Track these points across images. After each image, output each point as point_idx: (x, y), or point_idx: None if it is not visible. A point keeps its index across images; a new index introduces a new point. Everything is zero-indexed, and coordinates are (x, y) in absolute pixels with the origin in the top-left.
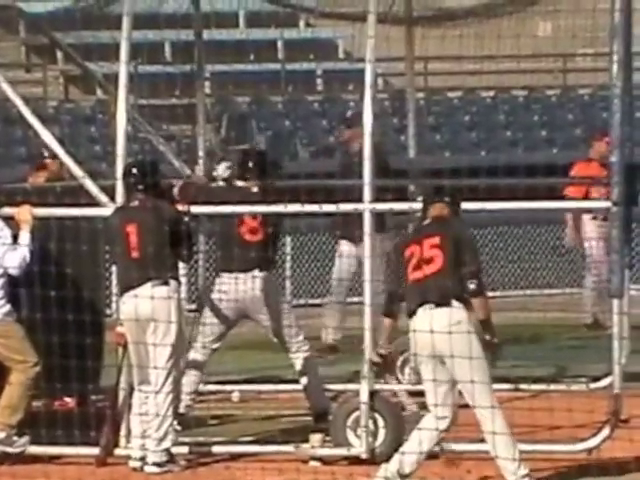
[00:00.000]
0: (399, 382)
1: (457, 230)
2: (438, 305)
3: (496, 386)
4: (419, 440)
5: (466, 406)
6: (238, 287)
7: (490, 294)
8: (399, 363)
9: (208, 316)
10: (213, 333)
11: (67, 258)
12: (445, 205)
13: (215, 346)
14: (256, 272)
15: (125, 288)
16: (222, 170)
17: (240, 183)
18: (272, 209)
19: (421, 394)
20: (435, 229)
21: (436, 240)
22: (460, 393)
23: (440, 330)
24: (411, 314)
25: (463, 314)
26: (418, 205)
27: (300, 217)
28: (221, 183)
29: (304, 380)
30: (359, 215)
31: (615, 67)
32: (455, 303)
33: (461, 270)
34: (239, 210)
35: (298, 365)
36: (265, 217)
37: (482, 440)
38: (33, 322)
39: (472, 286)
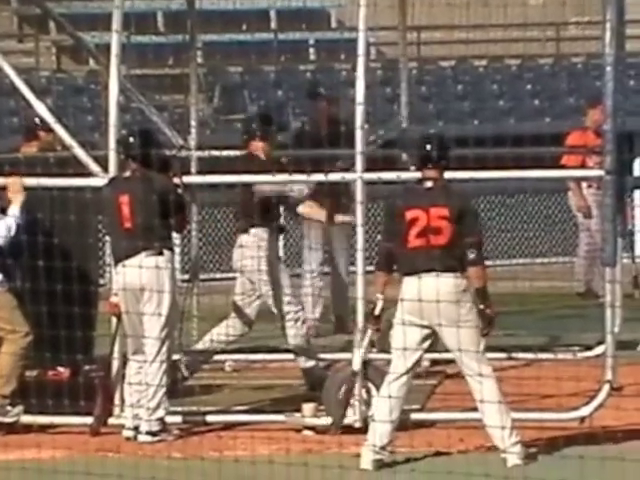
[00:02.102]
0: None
1: (464, 201)
2: (442, 273)
3: (489, 355)
4: (389, 409)
5: (457, 375)
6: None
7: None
8: (392, 332)
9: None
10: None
11: (60, 228)
12: (438, 167)
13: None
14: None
15: (119, 258)
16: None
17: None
18: (259, 179)
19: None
20: (443, 199)
21: (444, 212)
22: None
23: (445, 297)
24: (408, 278)
25: (465, 283)
26: (407, 175)
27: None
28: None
29: (299, 350)
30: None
31: (608, 35)
32: (458, 273)
33: (464, 240)
34: (234, 180)
35: (291, 334)
36: None
37: (473, 409)
38: (27, 293)
39: (472, 255)
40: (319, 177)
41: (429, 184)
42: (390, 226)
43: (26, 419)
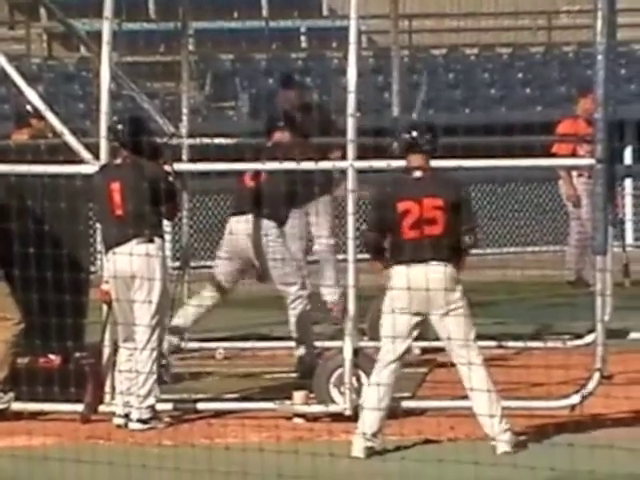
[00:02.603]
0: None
1: (457, 189)
2: (435, 262)
3: (481, 343)
4: (379, 397)
5: (448, 363)
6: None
7: (475, 251)
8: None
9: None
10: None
11: (51, 216)
12: (424, 155)
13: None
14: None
15: (110, 246)
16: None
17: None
18: (248, 166)
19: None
20: (435, 189)
21: (438, 202)
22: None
23: (437, 286)
24: (400, 267)
25: (455, 273)
26: (397, 163)
27: None
28: None
29: (296, 334)
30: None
31: (599, 24)
32: (450, 262)
33: (459, 229)
34: (226, 168)
35: (293, 318)
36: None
37: (464, 397)
38: (18, 280)
39: (468, 240)
40: (309, 165)
41: (418, 174)
42: (377, 216)
43: (17, 406)
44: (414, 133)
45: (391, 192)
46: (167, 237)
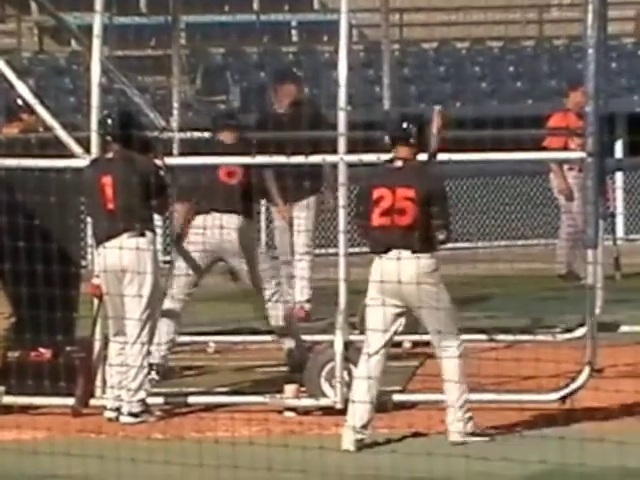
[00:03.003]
0: None
1: (432, 183)
2: (405, 253)
3: (471, 337)
4: (367, 388)
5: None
6: (219, 229)
7: (466, 245)
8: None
9: (181, 264)
10: (184, 284)
11: (43, 210)
12: (411, 147)
13: (189, 291)
14: (233, 216)
15: (101, 240)
16: None
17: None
18: (241, 160)
19: (394, 345)
20: (410, 180)
21: (410, 193)
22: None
23: (408, 278)
24: (376, 258)
25: (431, 264)
26: (387, 156)
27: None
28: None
29: (280, 331)
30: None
31: (590, 17)
32: (423, 254)
33: (431, 222)
34: (216, 162)
35: (273, 314)
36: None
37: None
38: (10, 274)
39: (441, 237)
40: (299, 159)
41: (399, 163)
42: (358, 202)
43: (7, 400)
44: (403, 124)
45: (369, 179)
46: (158, 231)
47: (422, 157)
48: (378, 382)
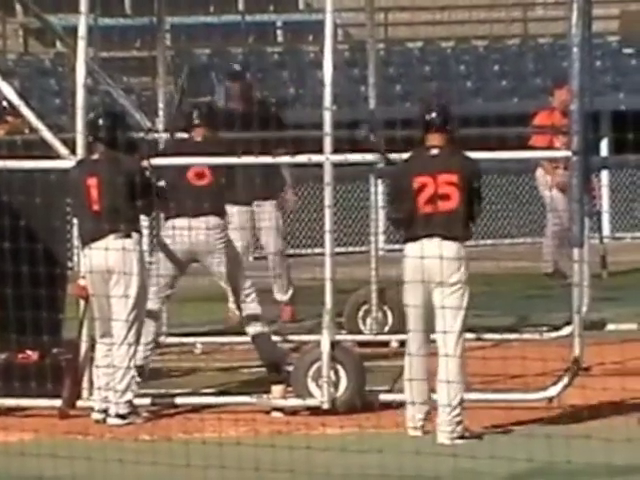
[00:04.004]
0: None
1: (473, 168)
2: (447, 239)
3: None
4: (420, 368)
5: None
6: (191, 232)
7: None
8: (361, 314)
9: (156, 265)
10: (163, 281)
11: (29, 211)
12: (443, 134)
13: (166, 293)
14: (203, 217)
15: (87, 241)
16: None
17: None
18: (224, 161)
19: (382, 344)
20: (451, 165)
21: (453, 178)
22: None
23: (446, 261)
24: (412, 243)
25: (464, 251)
26: (372, 156)
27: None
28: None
29: (251, 330)
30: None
31: (574, 16)
32: (462, 240)
33: (471, 208)
34: (195, 162)
35: (245, 314)
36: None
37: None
38: None
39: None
40: (285, 159)
41: (435, 151)
42: (397, 195)
43: None
44: (432, 113)
45: (405, 170)
46: (144, 232)
47: None
48: (426, 361)
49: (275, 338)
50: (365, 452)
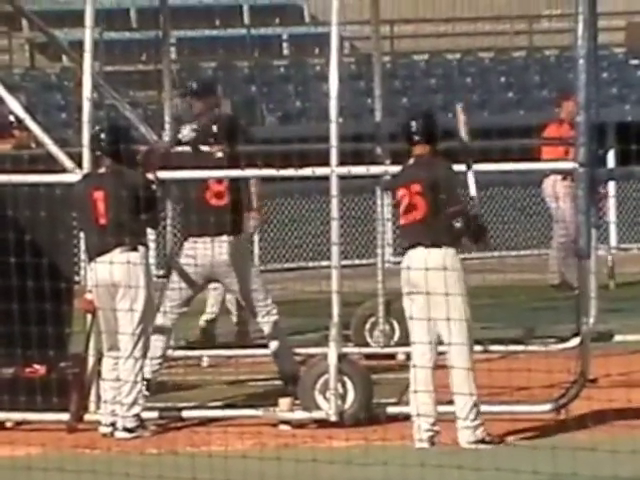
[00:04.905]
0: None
1: (437, 173)
2: (430, 246)
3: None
4: (425, 379)
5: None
6: (206, 252)
7: (461, 257)
8: (368, 327)
9: (175, 281)
10: (180, 298)
11: (35, 225)
12: (424, 145)
13: (181, 311)
14: (224, 237)
15: (93, 255)
16: (187, 132)
17: (204, 148)
18: (234, 174)
19: (389, 357)
20: (416, 175)
21: (418, 187)
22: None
23: (421, 273)
24: (404, 253)
25: (452, 254)
26: (377, 169)
27: (270, 182)
28: (187, 148)
29: (273, 345)
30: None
31: (580, 27)
32: (446, 247)
33: (445, 211)
34: (206, 175)
35: (266, 329)
36: (231, 181)
37: (448, 402)
38: (2, 289)
39: (457, 224)
40: (289, 172)
41: (411, 161)
42: (394, 207)
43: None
44: (411, 124)
45: (393, 181)
46: (151, 245)
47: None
48: (433, 373)
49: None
50: (370, 465)
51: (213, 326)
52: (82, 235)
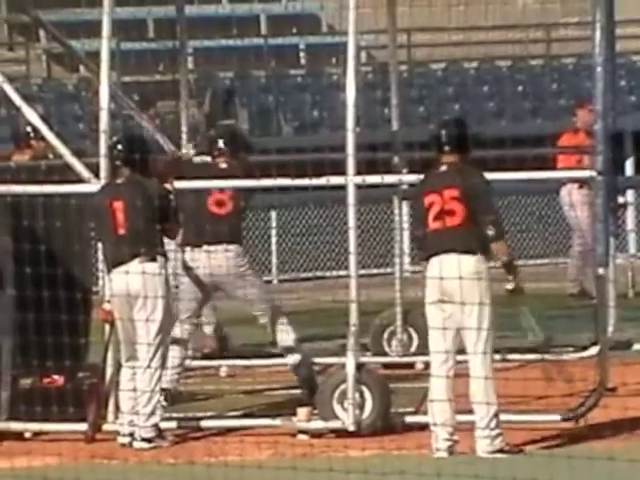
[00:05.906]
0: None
1: (474, 180)
2: (463, 253)
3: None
4: (444, 389)
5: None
6: (210, 261)
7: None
8: (386, 336)
9: (182, 291)
10: (189, 308)
11: (54, 235)
12: (456, 153)
13: (195, 321)
14: (227, 245)
15: (112, 265)
16: (188, 150)
17: (207, 159)
18: (245, 184)
19: (407, 366)
20: (453, 180)
21: (455, 193)
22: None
23: (464, 277)
24: (432, 259)
25: (484, 263)
26: (392, 178)
27: (287, 192)
28: (196, 159)
29: (291, 360)
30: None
31: (598, 35)
32: (479, 254)
33: (481, 219)
34: (222, 185)
35: (281, 345)
36: (234, 191)
37: (467, 411)
38: (21, 300)
39: (491, 232)
40: (304, 182)
41: (443, 168)
42: (414, 214)
43: (17, 426)
44: (442, 132)
45: (419, 188)
46: (170, 255)
47: None
48: (451, 383)
49: None
50: (387, 474)
51: (220, 333)
52: (100, 245)
